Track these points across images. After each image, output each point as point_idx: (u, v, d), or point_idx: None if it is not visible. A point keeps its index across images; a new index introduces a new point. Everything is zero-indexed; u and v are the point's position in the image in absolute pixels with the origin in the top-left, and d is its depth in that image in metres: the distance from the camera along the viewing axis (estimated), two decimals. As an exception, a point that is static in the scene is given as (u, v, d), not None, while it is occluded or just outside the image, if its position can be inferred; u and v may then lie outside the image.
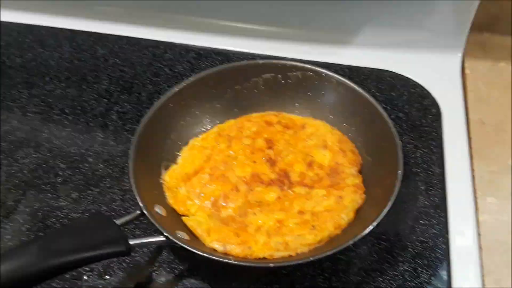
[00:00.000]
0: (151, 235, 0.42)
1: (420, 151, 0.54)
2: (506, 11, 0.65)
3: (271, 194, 0.47)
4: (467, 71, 0.63)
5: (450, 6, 0.62)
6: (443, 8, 0.62)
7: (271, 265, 0.41)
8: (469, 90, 0.61)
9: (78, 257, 0.33)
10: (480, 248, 0.46)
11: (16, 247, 0.39)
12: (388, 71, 0.63)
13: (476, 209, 0.49)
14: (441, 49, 0.64)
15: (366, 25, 0.65)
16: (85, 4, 0.71)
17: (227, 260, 0.39)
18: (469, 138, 0.56)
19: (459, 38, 0.64)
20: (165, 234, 0.40)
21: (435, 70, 0.63)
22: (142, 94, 0.61)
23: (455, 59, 0.64)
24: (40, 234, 0.47)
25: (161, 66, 0.65)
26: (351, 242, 0.39)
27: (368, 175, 0.49)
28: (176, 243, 0.39)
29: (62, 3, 0.72)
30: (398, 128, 0.55)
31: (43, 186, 0.51)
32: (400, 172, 0.43)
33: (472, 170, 0.53)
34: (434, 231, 0.47)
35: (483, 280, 0.44)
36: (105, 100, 0.60)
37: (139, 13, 0.70)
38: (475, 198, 0.50)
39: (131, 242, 0.37)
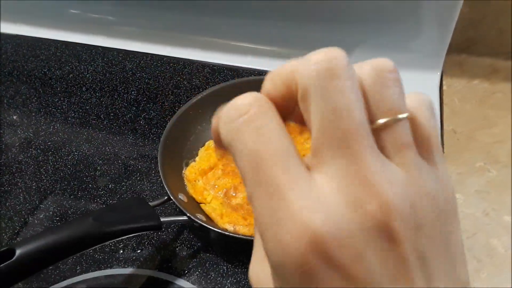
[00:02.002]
0: (176, 215, 0.51)
1: None
2: (482, 35, 0.71)
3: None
4: (444, 87, 0.69)
5: (431, 31, 0.67)
6: (425, 33, 0.68)
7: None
8: (445, 103, 0.67)
9: (123, 228, 0.42)
10: None
11: (76, 218, 0.47)
12: None
13: None
14: (422, 68, 0.69)
15: (359, 46, 0.71)
16: (114, 25, 0.78)
17: (236, 235, 0.47)
18: (442, 145, 0.61)
19: (438, 59, 0.69)
20: (188, 215, 0.47)
21: (417, 86, 0.64)
22: (165, 103, 0.67)
23: (434, 77, 0.69)
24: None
25: (181, 79, 0.70)
26: None
27: None
28: (196, 222, 0.47)
29: (95, 24, 0.79)
30: (382, 135, 0.63)
31: (84, 178, 0.58)
32: None
33: None
34: None
35: None
36: (133, 108, 0.66)
37: (162, 34, 0.76)
38: None
39: (162, 219, 0.45)
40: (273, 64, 0.71)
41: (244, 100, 0.19)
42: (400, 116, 0.19)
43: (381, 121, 0.18)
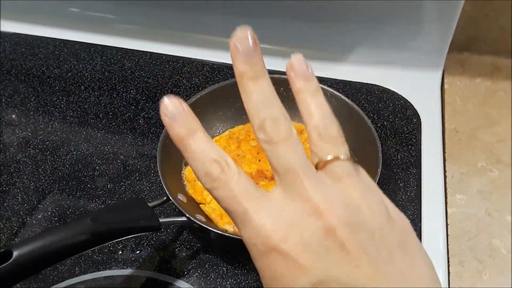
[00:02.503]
0: (176, 216, 0.51)
1: (400, 154, 0.59)
2: (483, 34, 0.70)
3: (273, 187, 0.54)
4: (446, 86, 0.69)
5: (432, 29, 0.67)
6: (426, 32, 0.67)
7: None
8: (447, 102, 0.67)
9: (121, 229, 0.41)
10: (447, 235, 0.53)
11: (74, 220, 0.47)
12: (377, 85, 0.68)
13: (446, 203, 0.55)
14: (424, 67, 0.69)
15: (359, 45, 0.71)
16: (113, 23, 0.78)
17: (236, 236, 0.46)
18: (444, 144, 0.61)
19: (440, 58, 0.69)
20: (187, 215, 0.47)
21: (418, 85, 0.68)
22: None
23: (436, 75, 0.69)
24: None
25: (180, 78, 0.70)
26: None
27: None
28: (196, 223, 0.47)
29: (94, 22, 0.78)
30: (383, 135, 0.62)
31: (83, 178, 0.57)
32: (379, 170, 0.50)
33: (445, 171, 0.58)
34: (409, 220, 0.54)
35: (448, 261, 0.50)
36: (132, 107, 0.66)
37: (161, 32, 0.76)
38: (446, 194, 0.56)
39: (161, 220, 0.44)
40: (273, 62, 0.70)
41: (214, 169, 0.26)
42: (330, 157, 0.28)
43: (329, 157, 0.28)
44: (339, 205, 0.25)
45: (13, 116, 0.67)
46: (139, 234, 0.48)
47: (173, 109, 0.27)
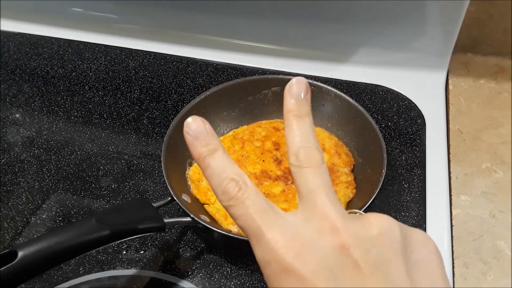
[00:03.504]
0: (180, 216, 0.51)
1: (405, 155, 0.59)
2: (487, 35, 0.70)
3: (277, 188, 0.53)
4: (450, 86, 0.69)
5: (437, 30, 0.67)
6: (430, 32, 0.67)
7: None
8: (451, 103, 0.66)
9: (126, 229, 0.41)
10: (452, 236, 0.52)
11: (78, 220, 0.47)
12: (381, 86, 0.68)
13: (451, 204, 0.55)
14: (428, 67, 0.69)
15: (363, 46, 0.71)
16: (117, 23, 0.78)
17: (240, 237, 0.46)
18: (448, 145, 0.61)
19: (444, 59, 0.69)
20: (191, 216, 0.47)
21: (422, 86, 0.68)
22: (168, 102, 0.66)
23: (440, 76, 0.69)
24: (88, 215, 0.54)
25: (184, 78, 0.70)
26: None
27: (359, 174, 0.55)
28: (200, 223, 0.47)
29: (98, 22, 0.78)
30: (387, 135, 0.62)
31: (87, 178, 0.57)
32: (384, 171, 0.50)
33: (449, 172, 0.58)
34: (413, 221, 0.53)
35: (452, 262, 0.50)
36: (137, 107, 0.66)
37: (165, 32, 0.76)
38: (450, 195, 0.56)
39: (165, 220, 0.44)
40: (277, 63, 0.71)
41: (231, 188, 0.27)
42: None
43: None
44: (355, 224, 0.26)
45: (18, 115, 0.67)
46: (144, 235, 0.48)
47: (195, 128, 0.30)
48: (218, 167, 0.28)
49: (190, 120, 0.30)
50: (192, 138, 0.29)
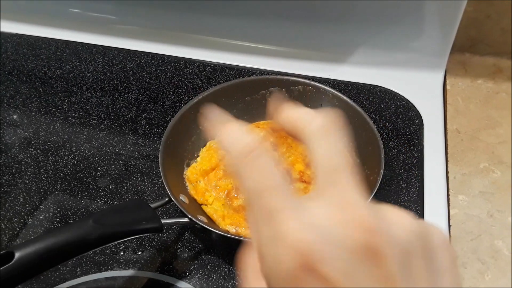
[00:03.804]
0: (177, 217, 0.51)
1: (403, 155, 0.59)
2: (484, 35, 0.70)
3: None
4: (448, 86, 0.69)
5: (434, 31, 0.67)
6: (428, 32, 0.67)
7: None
8: (449, 103, 0.66)
9: (123, 230, 0.41)
10: (450, 236, 0.52)
11: (76, 221, 0.47)
12: (379, 86, 0.68)
13: (448, 204, 0.55)
14: (425, 68, 0.69)
15: (360, 46, 0.71)
16: (114, 24, 0.78)
17: (238, 237, 0.46)
18: (446, 145, 0.61)
19: (442, 59, 0.69)
20: (189, 216, 0.47)
21: (420, 86, 0.68)
22: (166, 103, 0.66)
23: (438, 76, 0.69)
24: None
25: (182, 79, 0.70)
26: None
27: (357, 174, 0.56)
28: (198, 224, 0.47)
29: (96, 22, 0.78)
30: (384, 136, 0.62)
31: (85, 179, 0.57)
32: (381, 171, 0.50)
33: (447, 172, 0.58)
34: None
35: None
36: (134, 108, 0.66)
37: (163, 33, 0.76)
38: (448, 195, 0.56)
39: (163, 221, 0.44)
40: (275, 63, 0.71)
41: (250, 140, 0.22)
42: None
43: None
44: (385, 222, 0.21)
45: (15, 116, 0.67)
46: (141, 235, 0.48)
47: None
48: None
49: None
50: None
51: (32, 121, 0.66)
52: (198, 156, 0.58)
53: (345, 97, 0.58)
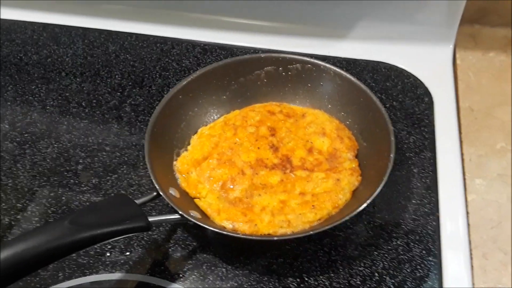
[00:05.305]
0: (167, 213, 0.46)
1: (413, 137, 0.56)
2: (494, 4, 0.66)
3: (275, 177, 0.49)
4: (458, 61, 0.65)
5: (441, 0, 0.63)
6: (435, 2, 0.63)
7: (275, 238, 0.44)
8: (460, 79, 0.63)
9: (104, 231, 0.37)
10: (468, 224, 0.49)
11: (50, 222, 0.43)
12: (383, 62, 0.65)
13: (465, 189, 0.52)
14: (433, 41, 0.66)
15: (362, 20, 0.67)
16: (95, 3, 0.73)
17: (236, 235, 0.43)
18: (459, 124, 0.58)
19: (450, 31, 0.65)
20: (180, 213, 0.43)
21: (428, 61, 0.65)
22: (152, 87, 0.63)
23: (447, 50, 0.66)
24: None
25: (169, 61, 0.67)
26: (347, 217, 0.43)
27: (364, 159, 0.51)
28: (190, 221, 0.43)
29: (74, 2, 0.73)
30: (392, 116, 0.58)
31: (65, 173, 0.54)
32: (392, 155, 0.46)
33: (462, 154, 0.55)
34: (425, 209, 0.50)
35: (471, 254, 0.47)
36: (118, 93, 0.63)
37: (147, 11, 0.72)
38: (464, 179, 0.53)
39: (150, 219, 0.40)
40: (269, 41, 0.68)
41: None
42: None
43: None
44: None
45: (-11, 107, 0.62)
46: (127, 236, 0.43)
47: None
48: None
49: None
50: None
51: (7, 111, 0.62)
52: (189, 144, 0.54)
53: (348, 75, 0.55)
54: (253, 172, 0.50)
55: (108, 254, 0.47)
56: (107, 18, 0.72)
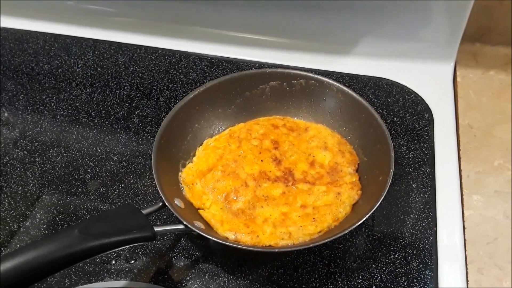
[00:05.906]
0: (172, 223, 0.47)
1: (412, 152, 0.56)
2: (496, 23, 0.67)
3: (277, 190, 0.50)
4: (458, 79, 0.66)
5: (443, 19, 0.64)
6: (437, 21, 0.64)
7: (276, 250, 0.45)
8: (460, 96, 0.63)
9: (112, 240, 0.38)
10: (464, 240, 0.49)
11: (60, 231, 0.44)
12: (385, 79, 0.65)
13: (462, 205, 0.52)
14: (434, 58, 0.66)
15: (365, 37, 0.68)
16: (106, 15, 0.74)
17: (238, 245, 0.43)
18: (458, 141, 0.58)
19: (451, 49, 0.66)
20: (184, 223, 0.44)
21: (429, 78, 0.65)
22: (160, 99, 0.64)
23: (448, 68, 0.66)
24: (73, 224, 0.51)
25: (177, 73, 0.67)
26: (346, 230, 0.43)
27: (364, 173, 0.52)
28: (194, 231, 0.43)
29: (86, 15, 0.75)
30: (393, 132, 0.58)
31: (74, 182, 0.54)
32: (391, 170, 0.47)
33: (460, 170, 0.55)
34: (423, 224, 0.50)
35: (466, 268, 0.47)
36: (126, 104, 0.63)
37: (156, 24, 0.73)
38: (462, 195, 0.53)
39: (156, 229, 0.41)
40: (275, 56, 0.68)
41: None
42: None
43: None
44: None
45: (0, 115, 0.63)
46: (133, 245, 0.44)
47: None
48: None
49: None
50: None
51: (19, 120, 0.63)
52: (194, 155, 0.55)
53: (350, 91, 0.55)
54: (256, 184, 0.51)
55: (113, 262, 0.48)
56: (117, 31, 0.73)
